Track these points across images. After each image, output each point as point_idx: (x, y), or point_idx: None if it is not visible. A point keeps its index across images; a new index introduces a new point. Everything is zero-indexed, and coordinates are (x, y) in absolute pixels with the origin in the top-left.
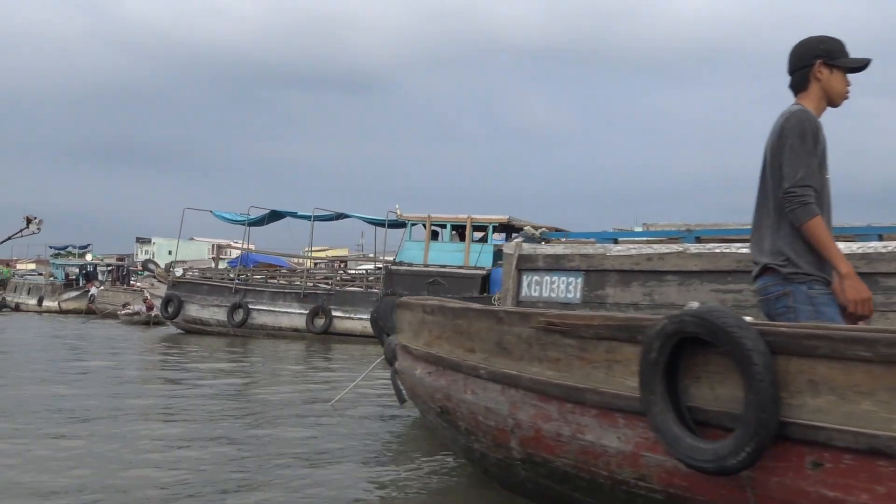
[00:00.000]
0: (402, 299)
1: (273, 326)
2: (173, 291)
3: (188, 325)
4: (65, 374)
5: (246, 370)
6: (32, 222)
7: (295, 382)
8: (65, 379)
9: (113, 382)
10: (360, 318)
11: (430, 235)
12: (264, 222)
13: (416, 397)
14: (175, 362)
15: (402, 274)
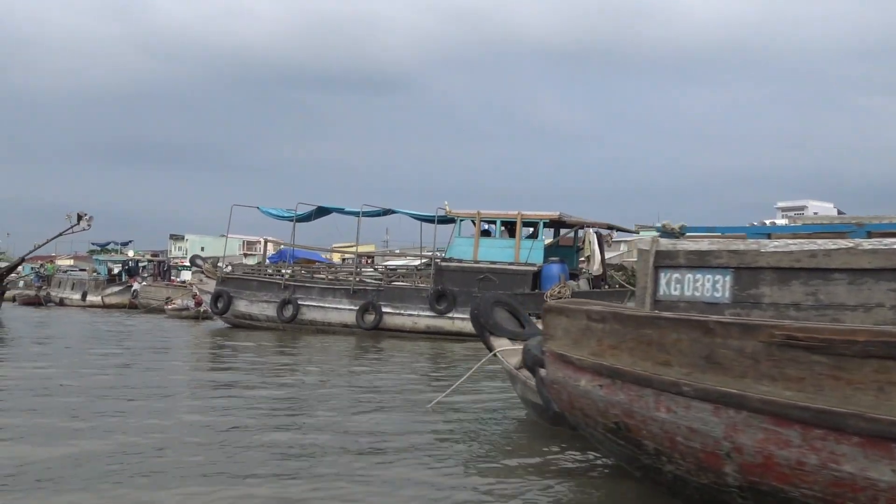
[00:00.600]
0: (554, 303)
1: (322, 322)
2: (222, 287)
3: (237, 320)
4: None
5: (322, 369)
6: (83, 219)
7: (379, 381)
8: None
9: (218, 384)
10: (410, 314)
11: (480, 232)
12: (311, 218)
13: (575, 409)
14: (255, 361)
15: (452, 270)
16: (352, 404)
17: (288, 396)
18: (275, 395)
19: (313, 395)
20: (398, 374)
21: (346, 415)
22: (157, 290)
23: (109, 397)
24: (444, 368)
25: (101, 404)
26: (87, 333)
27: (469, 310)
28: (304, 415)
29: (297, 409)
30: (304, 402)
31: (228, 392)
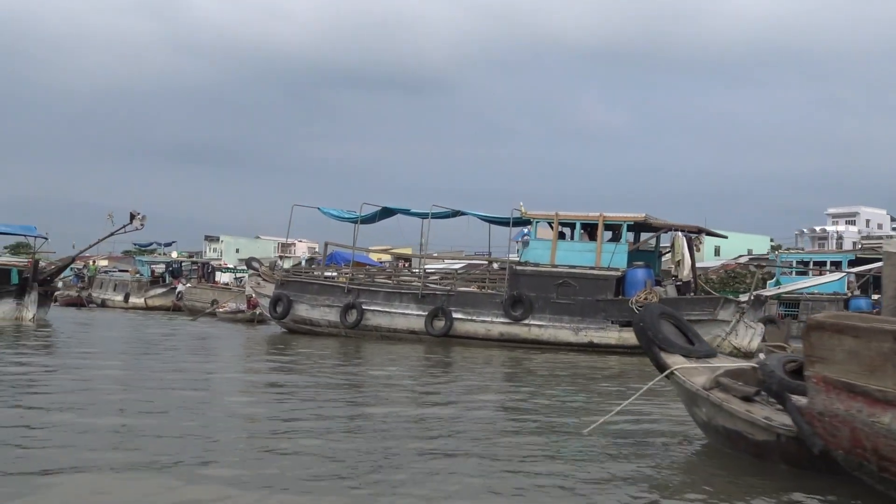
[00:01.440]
0: (829, 319)
1: (388, 328)
2: (282, 290)
3: (296, 324)
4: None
5: (435, 387)
6: (136, 218)
7: (506, 398)
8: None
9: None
10: (483, 321)
11: (557, 234)
12: (376, 219)
13: (864, 451)
14: (352, 372)
15: (528, 275)
16: (493, 424)
17: (421, 417)
18: (407, 413)
19: (444, 414)
20: (518, 389)
21: (491, 435)
22: (202, 292)
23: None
24: (568, 384)
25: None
26: (140, 337)
27: (637, 321)
28: (449, 436)
29: (434, 429)
30: (440, 422)
31: (352, 413)
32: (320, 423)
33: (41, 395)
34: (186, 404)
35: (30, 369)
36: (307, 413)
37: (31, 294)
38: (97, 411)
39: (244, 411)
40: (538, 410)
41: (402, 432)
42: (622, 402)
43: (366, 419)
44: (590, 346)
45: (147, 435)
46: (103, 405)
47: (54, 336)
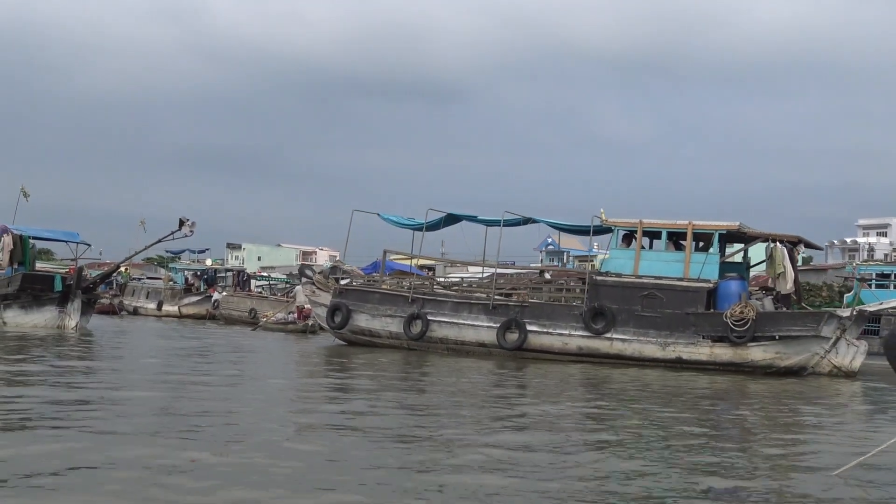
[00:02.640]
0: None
1: (455, 340)
2: (340, 300)
3: (354, 336)
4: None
5: (589, 408)
6: (186, 224)
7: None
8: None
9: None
10: (560, 334)
11: (636, 244)
12: (440, 226)
13: None
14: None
15: (610, 286)
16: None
17: (596, 463)
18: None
19: (642, 445)
20: (680, 412)
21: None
22: (239, 300)
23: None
24: (729, 406)
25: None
26: (185, 347)
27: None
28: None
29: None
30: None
31: (487, 450)
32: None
33: (123, 419)
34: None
35: (95, 388)
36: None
37: (74, 302)
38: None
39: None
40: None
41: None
42: (805, 430)
43: (509, 449)
44: (677, 363)
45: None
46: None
47: (99, 345)
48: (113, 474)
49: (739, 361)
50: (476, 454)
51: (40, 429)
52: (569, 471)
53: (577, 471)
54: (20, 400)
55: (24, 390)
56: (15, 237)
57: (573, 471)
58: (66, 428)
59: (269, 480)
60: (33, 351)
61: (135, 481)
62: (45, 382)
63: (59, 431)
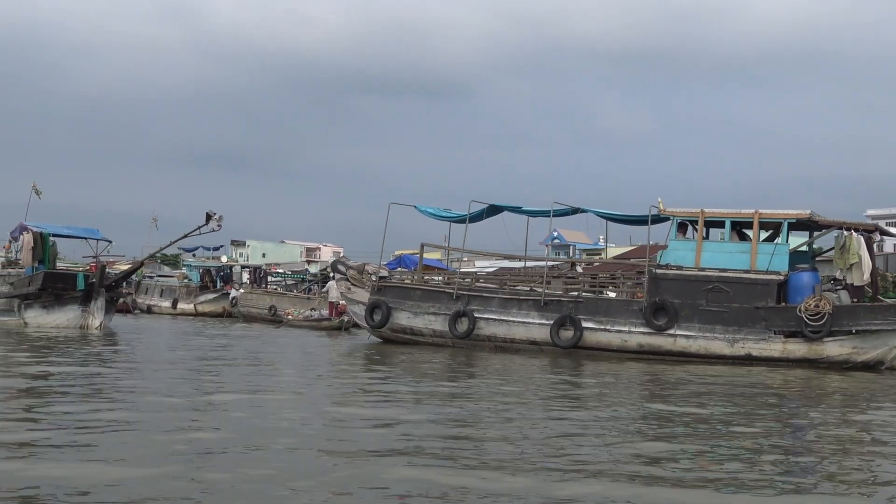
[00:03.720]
0: None
1: (504, 338)
2: (380, 297)
3: (395, 334)
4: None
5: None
6: (213, 218)
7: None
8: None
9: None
10: (619, 331)
11: (697, 234)
12: (482, 217)
13: None
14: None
15: (671, 279)
16: None
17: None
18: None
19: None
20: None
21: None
22: (258, 297)
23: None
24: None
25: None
26: (215, 347)
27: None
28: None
29: None
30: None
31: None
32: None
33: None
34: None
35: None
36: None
37: (97, 300)
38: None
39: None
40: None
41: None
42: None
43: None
44: (747, 359)
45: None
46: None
47: (128, 346)
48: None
49: (814, 357)
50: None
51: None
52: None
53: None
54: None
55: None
56: (35, 235)
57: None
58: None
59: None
60: (74, 354)
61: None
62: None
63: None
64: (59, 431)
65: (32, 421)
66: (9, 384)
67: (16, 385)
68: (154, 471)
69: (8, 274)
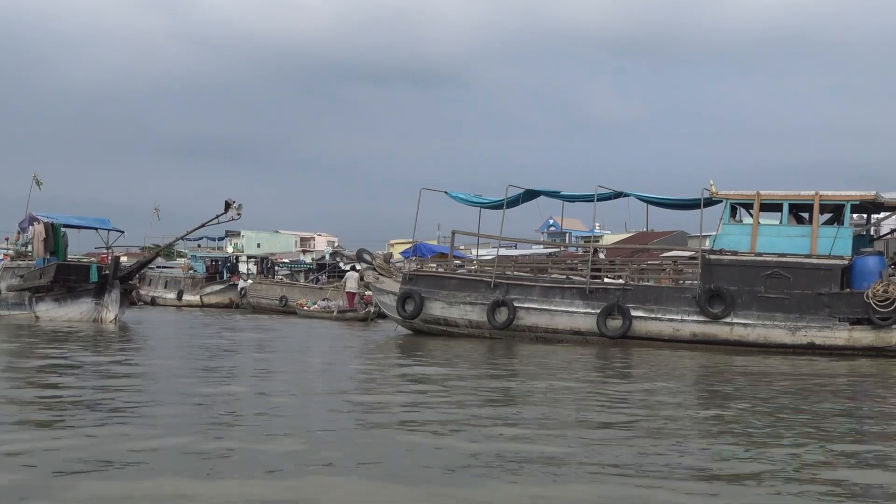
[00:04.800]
0: None
1: (546, 328)
2: (412, 286)
3: (427, 325)
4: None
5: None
6: (232, 207)
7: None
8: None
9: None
10: (671, 319)
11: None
12: (518, 202)
13: None
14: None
15: (726, 265)
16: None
17: None
18: None
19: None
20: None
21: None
22: (268, 288)
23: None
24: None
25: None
26: (240, 341)
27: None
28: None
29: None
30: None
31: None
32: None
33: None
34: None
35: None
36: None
37: (111, 293)
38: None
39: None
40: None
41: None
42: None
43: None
44: (809, 348)
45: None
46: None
47: (146, 340)
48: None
49: (882, 345)
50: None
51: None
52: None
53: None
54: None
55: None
56: (46, 225)
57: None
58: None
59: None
60: (108, 351)
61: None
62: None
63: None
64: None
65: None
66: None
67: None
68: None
69: (17, 266)
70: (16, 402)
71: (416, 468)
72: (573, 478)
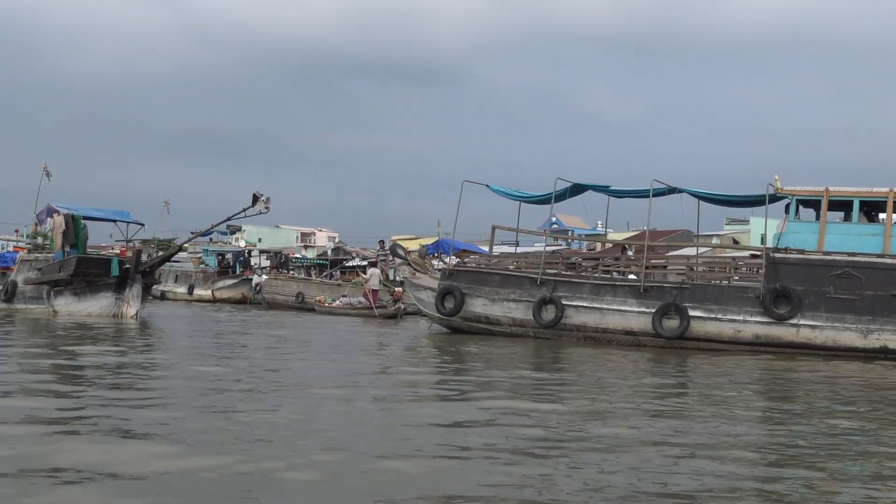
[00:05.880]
0: None
1: (595, 328)
2: (452, 282)
3: (467, 323)
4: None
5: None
6: (260, 200)
7: None
8: None
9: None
10: (732, 320)
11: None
12: (565, 197)
13: None
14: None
15: (793, 263)
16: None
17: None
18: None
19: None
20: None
21: None
22: (284, 283)
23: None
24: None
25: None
26: (287, 342)
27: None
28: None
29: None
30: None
31: None
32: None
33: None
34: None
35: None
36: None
37: (133, 288)
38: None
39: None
40: None
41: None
42: None
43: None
44: (882, 352)
45: None
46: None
47: (184, 337)
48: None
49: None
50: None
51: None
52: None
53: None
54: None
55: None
56: (67, 217)
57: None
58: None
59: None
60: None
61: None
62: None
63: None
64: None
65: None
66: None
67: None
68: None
69: (35, 259)
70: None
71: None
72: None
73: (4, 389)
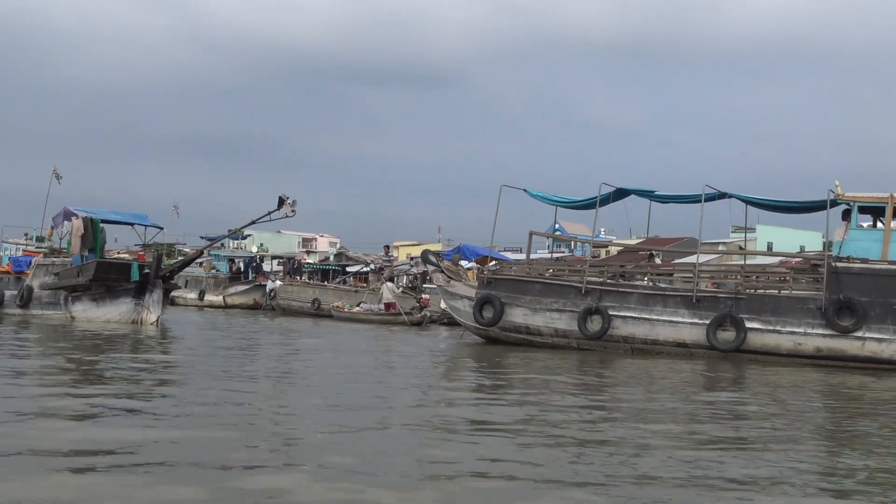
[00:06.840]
0: None
1: (644, 339)
2: (490, 290)
3: (506, 333)
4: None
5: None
6: (286, 203)
7: None
8: None
9: None
10: (792, 332)
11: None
12: (608, 202)
13: None
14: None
15: (856, 273)
16: None
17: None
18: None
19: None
20: None
21: None
22: (299, 290)
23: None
24: None
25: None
26: (320, 354)
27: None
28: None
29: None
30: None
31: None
32: None
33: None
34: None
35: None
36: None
37: (153, 293)
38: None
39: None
40: None
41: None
42: None
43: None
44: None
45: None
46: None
47: (213, 346)
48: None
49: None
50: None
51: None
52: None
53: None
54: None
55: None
56: (85, 221)
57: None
58: None
59: None
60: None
61: None
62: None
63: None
64: None
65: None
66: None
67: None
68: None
69: (52, 263)
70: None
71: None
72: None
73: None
